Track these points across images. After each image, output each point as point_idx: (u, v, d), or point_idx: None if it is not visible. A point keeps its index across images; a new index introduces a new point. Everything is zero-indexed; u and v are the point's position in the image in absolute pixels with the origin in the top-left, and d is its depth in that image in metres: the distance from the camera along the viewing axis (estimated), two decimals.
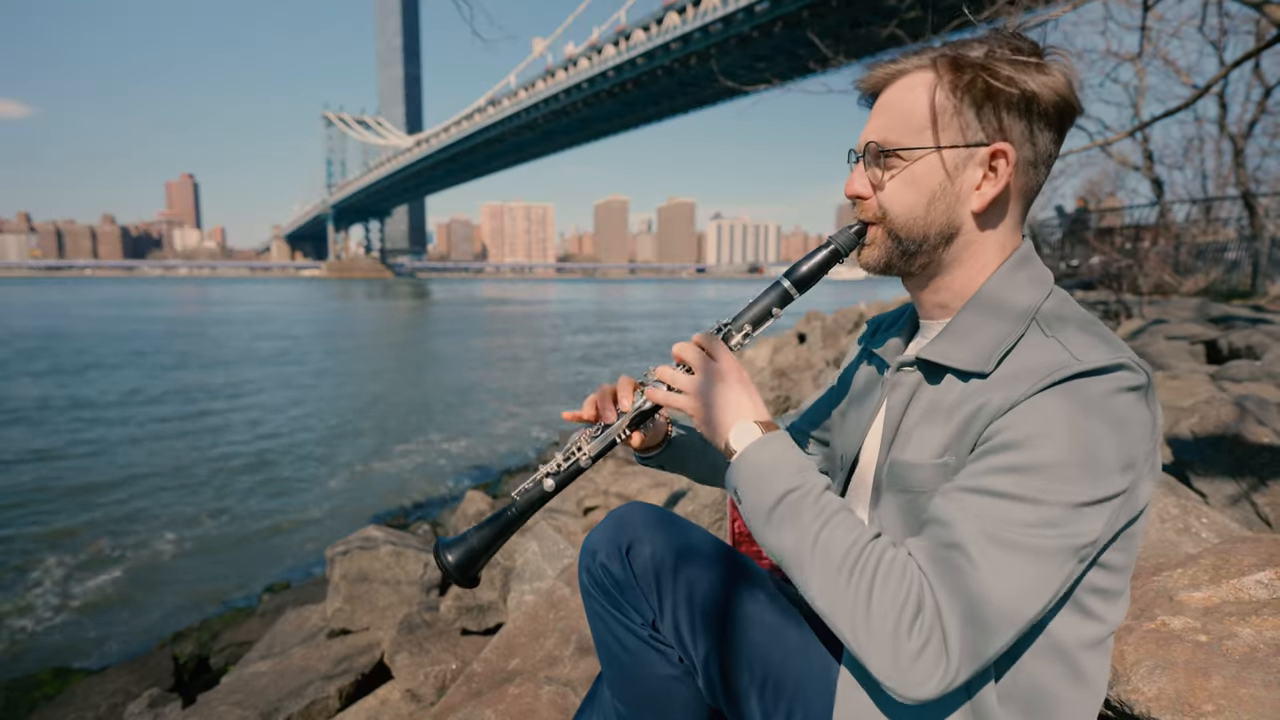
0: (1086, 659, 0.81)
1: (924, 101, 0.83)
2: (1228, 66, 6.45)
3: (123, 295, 69.33)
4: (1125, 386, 0.73)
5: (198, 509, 7.13)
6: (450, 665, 2.31)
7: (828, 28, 51.70)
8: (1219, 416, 2.30)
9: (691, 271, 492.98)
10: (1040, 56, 0.81)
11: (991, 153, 0.82)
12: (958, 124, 0.82)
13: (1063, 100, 0.81)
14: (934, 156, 0.83)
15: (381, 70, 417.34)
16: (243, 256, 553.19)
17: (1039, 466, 0.71)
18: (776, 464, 0.83)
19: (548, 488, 1.00)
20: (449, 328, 33.00)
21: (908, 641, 0.71)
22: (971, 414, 0.78)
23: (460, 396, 13.99)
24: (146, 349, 21.63)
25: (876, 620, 0.72)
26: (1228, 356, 5.14)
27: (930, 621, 0.71)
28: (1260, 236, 11.95)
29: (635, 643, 1.00)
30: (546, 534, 2.75)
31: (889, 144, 0.86)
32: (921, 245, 0.87)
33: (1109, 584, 0.80)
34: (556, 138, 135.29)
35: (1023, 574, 0.71)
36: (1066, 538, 0.71)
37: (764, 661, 0.95)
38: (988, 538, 0.71)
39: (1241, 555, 1.39)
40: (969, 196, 0.84)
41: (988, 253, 0.87)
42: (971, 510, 0.73)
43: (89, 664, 4.17)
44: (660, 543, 1.00)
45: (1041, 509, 0.71)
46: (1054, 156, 0.85)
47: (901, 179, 0.86)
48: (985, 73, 0.80)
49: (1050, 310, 0.82)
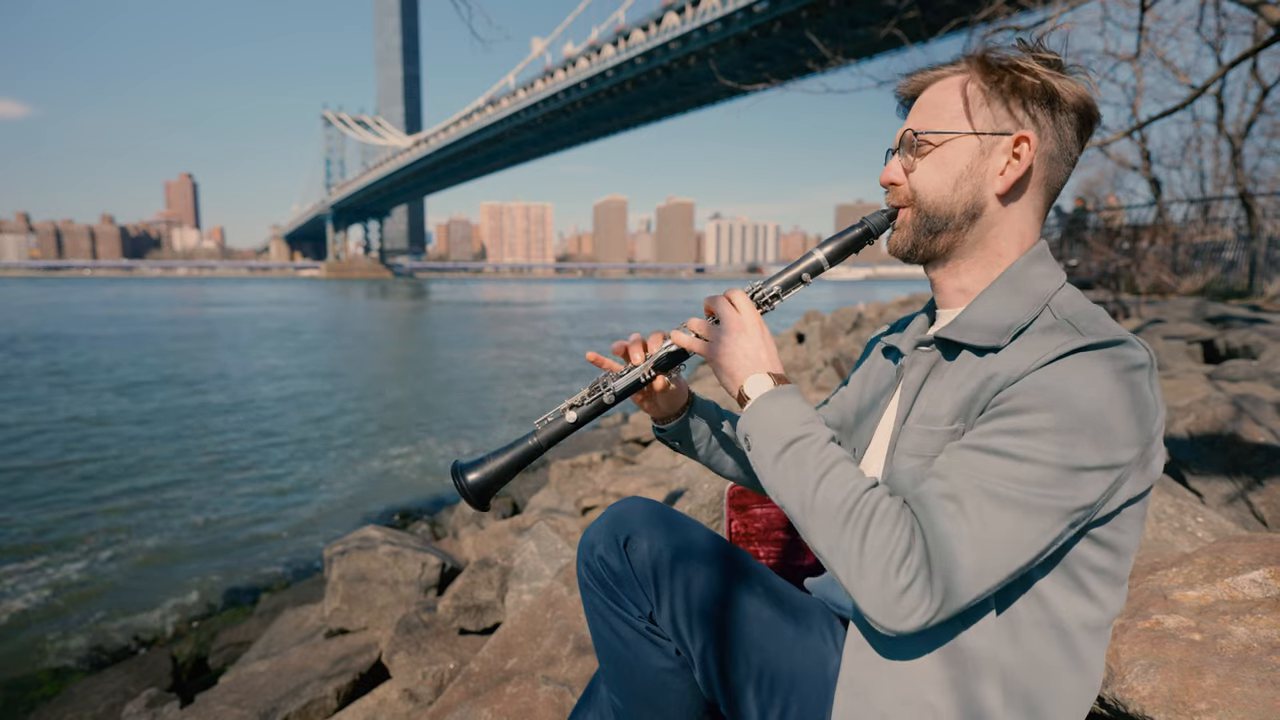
0: (1085, 644, 0.83)
1: (956, 94, 0.91)
2: (1225, 66, 6.46)
3: (120, 295, 69.25)
4: (1130, 364, 0.76)
5: (196, 509, 7.13)
6: (448, 665, 2.31)
7: (826, 27, 51.69)
8: (1215, 416, 2.31)
9: (690, 271, 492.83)
10: (1062, 68, 0.89)
11: (1016, 140, 0.88)
12: (986, 113, 0.90)
13: (1083, 103, 0.88)
14: (961, 141, 0.90)
15: (380, 70, 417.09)
16: (242, 256, 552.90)
17: (1039, 430, 0.74)
18: (786, 413, 0.88)
19: (570, 419, 1.01)
20: (448, 328, 32.97)
21: (895, 579, 0.74)
22: (982, 383, 0.83)
23: (458, 397, 13.99)
24: (144, 348, 21.61)
25: (869, 560, 0.76)
26: (1225, 356, 5.15)
27: (919, 561, 0.74)
28: (1258, 236, 11.96)
29: (632, 636, 1.01)
30: (544, 534, 2.75)
31: (923, 132, 0.93)
32: (947, 223, 0.93)
33: (1110, 566, 0.82)
34: (555, 137, 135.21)
35: (1011, 527, 0.74)
36: (1059, 499, 0.74)
37: (760, 655, 0.96)
38: (981, 490, 0.75)
39: (1236, 554, 1.39)
40: (994, 179, 0.90)
41: (1008, 239, 0.93)
42: (970, 465, 0.77)
43: (87, 664, 4.16)
44: (658, 536, 1.02)
45: (1038, 468, 0.74)
46: (1075, 157, 0.92)
47: (931, 161, 0.93)
48: (1014, 69, 0.88)
49: (1063, 299, 0.87)
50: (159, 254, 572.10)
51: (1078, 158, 0.92)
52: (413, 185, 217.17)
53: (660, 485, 3.79)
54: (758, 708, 0.95)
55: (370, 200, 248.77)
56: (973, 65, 0.91)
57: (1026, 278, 0.90)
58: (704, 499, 2.71)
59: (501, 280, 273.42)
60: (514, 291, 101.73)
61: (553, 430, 1.01)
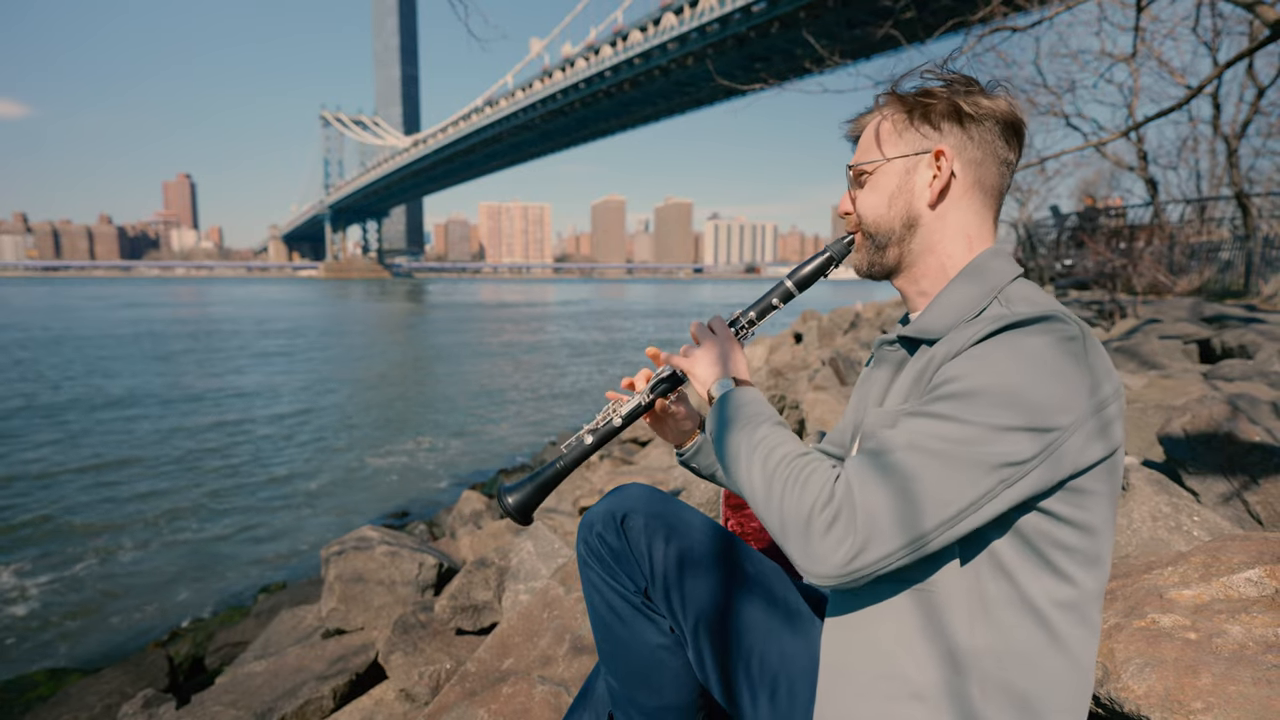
0: (1061, 621, 0.83)
1: (883, 128, 1.03)
2: (1221, 67, 6.48)
3: (118, 295, 69.09)
4: (1057, 335, 0.80)
5: (192, 509, 7.12)
6: (445, 665, 2.30)
7: (823, 28, 51.76)
8: (1211, 415, 2.31)
9: (689, 271, 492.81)
10: (972, 85, 0.97)
11: (934, 154, 0.97)
12: (908, 137, 1.00)
13: (996, 110, 0.96)
14: (889, 165, 1.01)
15: (379, 70, 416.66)
16: (240, 257, 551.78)
17: (967, 394, 0.79)
18: (740, 405, 1.00)
19: (588, 442, 1.18)
20: (446, 328, 32.96)
21: (815, 522, 0.79)
22: (925, 366, 0.90)
23: (456, 397, 13.98)
24: (141, 348, 21.56)
25: (794, 511, 0.81)
26: (1220, 356, 5.16)
27: (841, 503, 0.78)
28: (1253, 236, 12.00)
29: (628, 610, 1.07)
30: (541, 534, 2.75)
31: (857, 165, 1.05)
32: (890, 237, 1.03)
33: (1079, 544, 0.83)
34: (554, 138, 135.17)
35: (935, 475, 0.77)
36: (985, 456, 0.77)
37: (751, 635, 1.00)
38: (910, 446, 0.79)
39: (1232, 553, 1.39)
40: (923, 192, 0.99)
41: (954, 241, 1.00)
42: (903, 428, 0.82)
43: (83, 664, 4.15)
44: (654, 514, 1.08)
45: (965, 427, 0.78)
46: (1008, 158, 0.99)
47: (868, 189, 1.04)
48: (917, 95, 0.99)
49: (1014, 291, 0.92)
50: (157, 254, 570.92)
51: (1014, 159, 1.00)
52: (411, 185, 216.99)
53: (658, 484, 3.79)
54: (748, 686, 0.99)
55: (368, 200, 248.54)
56: (890, 101, 1.02)
57: (979, 275, 0.95)
58: (701, 498, 2.71)
59: (500, 280, 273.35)
60: (512, 291, 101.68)
61: (575, 453, 1.19)
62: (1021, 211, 24.50)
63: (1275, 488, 2.04)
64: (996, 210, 1.02)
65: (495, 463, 9.04)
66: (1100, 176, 21.28)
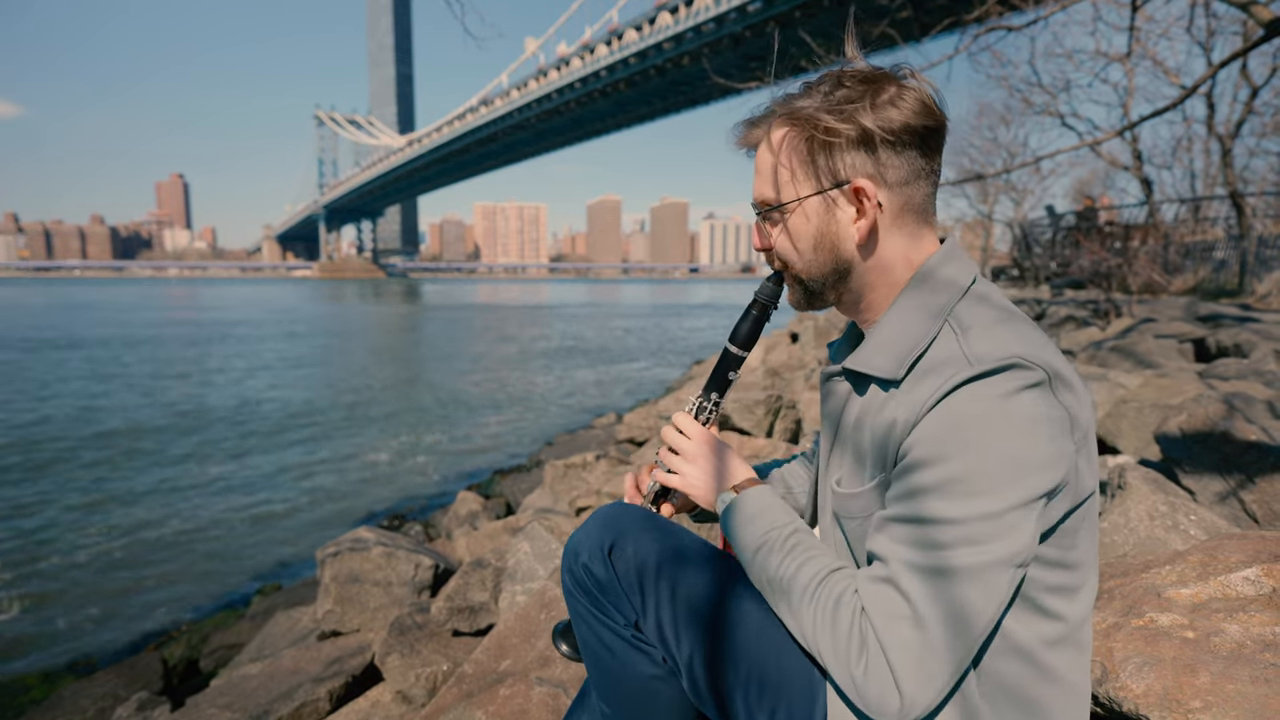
0: (1052, 657, 0.82)
1: (784, 156, 0.89)
2: (1215, 66, 6.51)
3: (108, 298, 68.79)
4: (1021, 385, 0.73)
5: (187, 510, 7.08)
6: (441, 666, 2.29)
7: (820, 27, 51.77)
8: (1207, 414, 2.32)
9: (685, 272, 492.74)
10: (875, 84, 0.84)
11: (853, 190, 0.86)
12: (810, 173, 0.88)
13: (905, 124, 0.83)
14: (802, 207, 0.90)
15: (373, 70, 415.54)
16: (234, 257, 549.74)
17: (950, 482, 0.73)
18: (750, 520, 0.95)
19: None
20: (441, 329, 32.90)
21: (863, 679, 0.77)
22: (887, 430, 0.82)
23: (451, 398, 13.95)
24: (138, 348, 21.47)
25: (831, 658, 0.80)
26: (1215, 355, 5.18)
27: (875, 660, 0.76)
28: (1248, 236, 12.06)
29: (619, 644, 0.99)
30: (538, 534, 2.74)
31: (764, 202, 0.93)
32: (823, 284, 0.94)
33: (1063, 581, 0.81)
34: (549, 137, 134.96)
35: (954, 597, 0.73)
36: (992, 552, 0.72)
37: (748, 660, 0.94)
38: (914, 569, 0.75)
39: (1229, 552, 1.39)
40: (849, 231, 0.89)
41: (895, 269, 0.90)
42: (898, 540, 0.77)
43: (77, 667, 4.13)
44: (644, 542, 1.00)
45: (960, 527, 0.72)
46: (932, 166, 0.88)
47: (784, 231, 0.93)
48: (814, 127, 0.85)
49: (964, 309, 0.84)
50: (150, 254, 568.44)
51: (938, 165, 0.89)
52: (405, 185, 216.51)
53: None
54: (746, 713, 0.94)
55: (363, 200, 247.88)
56: (779, 125, 0.89)
57: (926, 290, 0.87)
58: None
59: (495, 280, 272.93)
60: (508, 292, 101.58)
61: None
62: (1017, 211, 24.58)
63: (1271, 486, 2.05)
64: (932, 216, 0.91)
65: (491, 463, 9.02)
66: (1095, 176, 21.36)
